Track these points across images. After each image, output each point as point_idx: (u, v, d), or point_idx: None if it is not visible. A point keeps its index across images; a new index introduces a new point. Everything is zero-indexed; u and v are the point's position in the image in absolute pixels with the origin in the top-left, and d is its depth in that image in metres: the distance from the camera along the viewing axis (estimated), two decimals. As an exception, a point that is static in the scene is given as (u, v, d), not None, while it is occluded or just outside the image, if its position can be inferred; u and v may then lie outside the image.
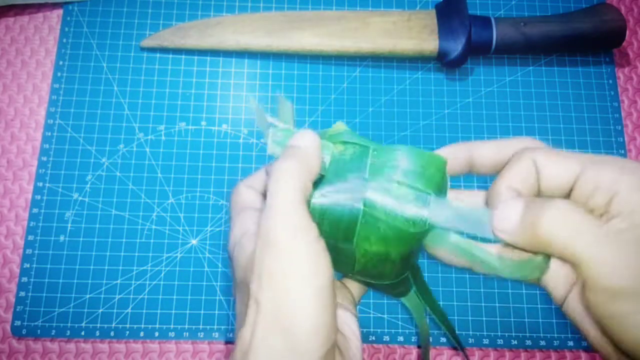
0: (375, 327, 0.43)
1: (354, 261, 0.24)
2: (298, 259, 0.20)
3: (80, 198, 0.45)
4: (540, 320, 0.43)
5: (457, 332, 0.43)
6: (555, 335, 0.43)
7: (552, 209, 0.20)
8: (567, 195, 0.22)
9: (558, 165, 0.22)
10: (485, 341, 0.43)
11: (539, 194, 0.23)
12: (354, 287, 0.28)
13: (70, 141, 0.46)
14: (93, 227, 0.44)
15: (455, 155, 0.25)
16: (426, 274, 0.44)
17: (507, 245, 0.22)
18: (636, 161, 0.21)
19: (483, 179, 0.47)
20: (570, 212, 0.20)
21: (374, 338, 0.42)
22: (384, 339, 0.42)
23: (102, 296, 0.42)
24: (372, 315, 0.43)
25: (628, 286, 0.18)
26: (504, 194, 0.22)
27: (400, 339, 0.43)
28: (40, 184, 0.45)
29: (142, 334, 0.42)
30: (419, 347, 0.43)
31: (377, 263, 0.23)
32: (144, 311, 0.42)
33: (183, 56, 0.49)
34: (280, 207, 0.21)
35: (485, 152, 0.24)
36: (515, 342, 0.43)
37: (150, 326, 0.42)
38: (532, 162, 0.22)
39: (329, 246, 0.21)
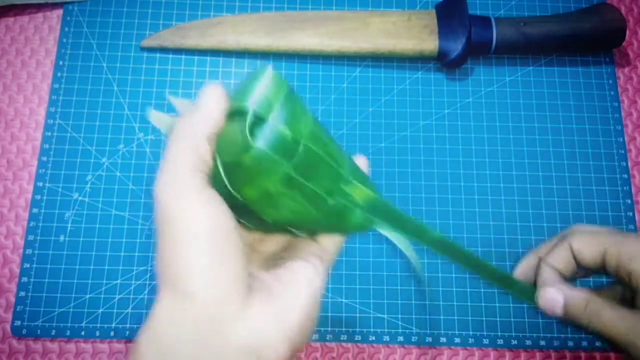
0: (375, 327, 0.43)
1: (251, 212, 0.23)
2: (182, 222, 0.20)
3: (80, 198, 0.45)
4: (540, 320, 0.43)
5: (457, 331, 0.43)
6: (555, 335, 0.43)
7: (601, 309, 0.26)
8: (601, 267, 0.27)
9: (587, 246, 0.27)
10: (485, 341, 0.43)
11: (576, 267, 0.28)
12: (326, 240, 0.26)
13: (70, 141, 0.46)
14: (93, 227, 0.44)
15: (529, 266, 0.30)
16: (427, 274, 0.44)
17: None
18: None
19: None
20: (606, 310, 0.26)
21: (373, 338, 0.42)
22: (384, 339, 0.42)
23: (102, 296, 0.42)
24: (372, 315, 0.43)
25: None
26: (545, 275, 0.28)
27: (400, 339, 0.43)
28: (40, 184, 0.45)
29: (142, 334, 0.42)
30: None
31: (267, 204, 0.22)
32: (144, 311, 0.42)
33: (183, 56, 0.49)
34: (164, 167, 0.21)
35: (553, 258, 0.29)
36: (515, 342, 0.43)
37: (150, 326, 0.42)
38: (568, 245, 0.28)
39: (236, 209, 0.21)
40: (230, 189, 0.22)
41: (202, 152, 0.21)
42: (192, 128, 0.22)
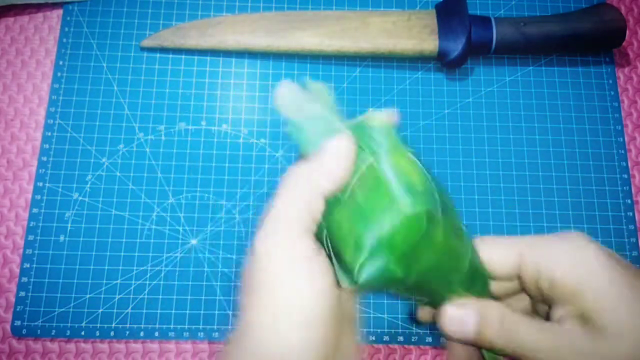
0: (375, 327, 0.43)
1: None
2: (284, 294, 0.19)
3: (80, 198, 0.45)
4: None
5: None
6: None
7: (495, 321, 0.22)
8: (514, 277, 0.23)
9: (497, 254, 0.23)
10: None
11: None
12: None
13: (70, 141, 0.46)
14: (93, 227, 0.44)
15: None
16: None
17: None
18: (573, 235, 0.22)
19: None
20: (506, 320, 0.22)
21: (374, 338, 0.42)
22: (384, 339, 0.42)
23: (102, 296, 0.42)
24: (372, 315, 0.43)
25: None
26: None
27: (400, 339, 0.43)
28: (40, 184, 0.45)
29: (142, 334, 0.42)
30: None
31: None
32: (144, 311, 0.42)
33: (183, 56, 0.49)
34: (272, 218, 0.19)
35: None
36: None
37: (150, 326, 0.42)
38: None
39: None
40: (345, 255, 0.20)
41: (315, 211, 0.20)
42: (311, 179, 0.20)
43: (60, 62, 0.48)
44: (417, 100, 0.49)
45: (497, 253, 0.23)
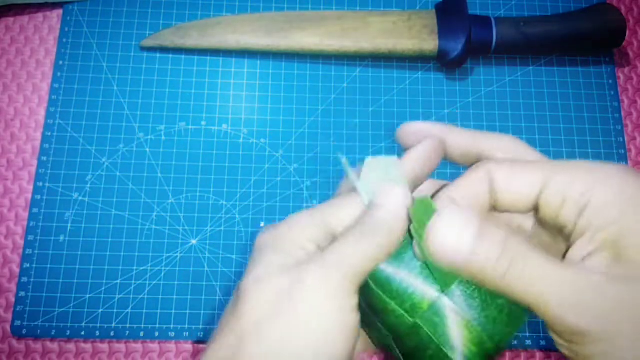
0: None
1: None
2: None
3: (80, 198, 0.45)
4: (540, 320, 0.43)
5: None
6: (555, 335, 0.43)
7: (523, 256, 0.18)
8: (531, 211, 0.20)
9: (517, 180, 0.19)
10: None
11: (493, 210, 0.20)
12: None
13: (70, 141, 0.46)
14: (93, 227, 0.44)
15: (431, 133, 0.22)
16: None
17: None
18: (609, 163, 0.19)
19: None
20: (531, 257, 0.18)
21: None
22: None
23: (102, 296, 0.42)
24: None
25: (590, 329, 0.17)
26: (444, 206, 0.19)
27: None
28: (40, 184, 0.45)
29: (142, 334, 0.42)
30: None
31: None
32: (144, 311, 0.42)
33: (183, 56, 0.49)
34: (322, 287, 0.18)
35: (459, 140, 0.22)
36: (515, 342, 0.43)
37: (150, 326, 0.42)
38: (486, 176, 0.20)
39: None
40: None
41: (348, 290, 0.19)
42: (352, 254, 0.19)
43: (60, 62, 0.48)
44: (417, 100, 0.49)
45: (518, 179, 0.19)
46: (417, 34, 0.48)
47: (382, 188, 0.20)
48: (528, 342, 0.43)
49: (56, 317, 0.42)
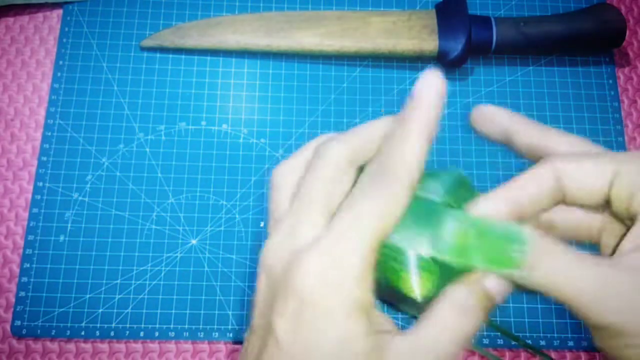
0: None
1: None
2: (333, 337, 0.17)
3: (80, 198, 0.45)
4: (540, 320, 0.43)
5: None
6: (555, 335, 0.43)
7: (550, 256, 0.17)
8: (602, 205, 0.19)
9: (586, 174, 0.19)
10: (486, 341, 0.43)
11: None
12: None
13: (70, 141, 0.46)
14: (93, 227, 0.44)
15: (502, 122, 0.22)
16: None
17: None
18: None
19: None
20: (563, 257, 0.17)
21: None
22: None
23: (102, 296, 0.42)
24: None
25: (624, 325, 0.16)
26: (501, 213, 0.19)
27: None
28: (40, 184, 0.45)
29: (142, 334, 0.42)
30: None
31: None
32: (144, 311, 0.42)
33: (183, 56, 0.49)
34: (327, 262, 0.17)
35: (529, 133, 0.21)
36: (515, 342, 0.43)
37: (150, 326, 0.42)
38: (551, 173, 0.19)
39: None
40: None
41: (371, 259, 0.17)
42: (372, 217, 0.17)
43: (60, 62, 0.48)
44: (417, 100, 0.49)
45: (587, 172, 0.19)
46: (417, 34, 0.48)
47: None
48: (528, 342, 0.43)
49: (56, 317, 0.42)
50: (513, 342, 0.43)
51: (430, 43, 0.47)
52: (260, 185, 0.46)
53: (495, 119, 0.22)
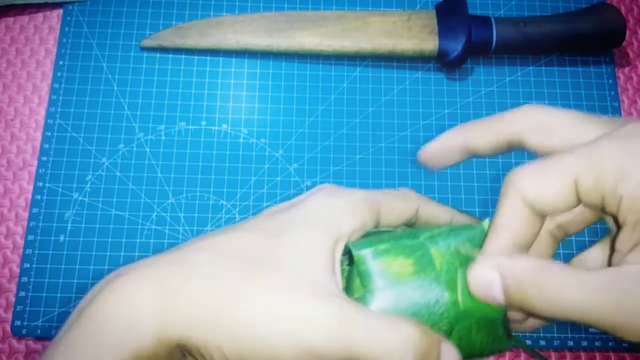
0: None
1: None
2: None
3: (80, 198, 0.45)
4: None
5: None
6: (555, 335, 0.43)
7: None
8: (578, 205, 0.19)
9: (548, 188, 0.18)
10: (485, 341, 0.43)
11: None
12: None
13: (70, 141, 0.46)
14: (93, 227, 0.44)
15: (452, 145, 0.22)
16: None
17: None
18: (628, 125, 0.18)
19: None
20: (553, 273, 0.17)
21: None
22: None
23: (102, 296, 0.42)
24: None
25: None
26: (494, 241, 0.20)
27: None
28: (40, 184, 0.45)
29: (142, 334, 0.42)
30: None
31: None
32: (144, 311, 0.42)
33: (183, 56, 0.49)
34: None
35: (484, 136, 0.22)
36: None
37: (150, 326, 0.42)
38: (518, 202, 0.19)
39: None
40: None
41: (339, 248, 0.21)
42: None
43: (60, 62, 0.48)
44: (417, 100, 0.49)
45: (548, 187, 0.18)
46: (417, 34, 0.48)
47: None
48: (528, 342, 0.43)
49: (56, 317, 0.42)
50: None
51: (430, 43, 0.47)
52: (260, 185, 0.46)
53: (445, 150, 0.22)
